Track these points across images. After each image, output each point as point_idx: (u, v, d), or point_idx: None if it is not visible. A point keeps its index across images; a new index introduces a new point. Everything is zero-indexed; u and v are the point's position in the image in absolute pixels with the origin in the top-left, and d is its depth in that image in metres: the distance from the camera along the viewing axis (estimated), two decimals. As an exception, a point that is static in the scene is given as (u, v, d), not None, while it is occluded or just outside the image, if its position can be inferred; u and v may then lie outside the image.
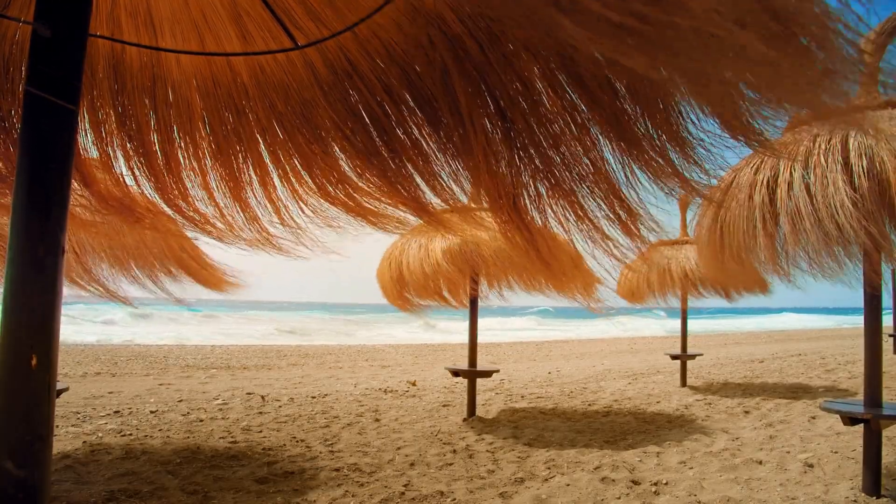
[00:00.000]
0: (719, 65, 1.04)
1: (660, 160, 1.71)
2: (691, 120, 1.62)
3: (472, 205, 4.99)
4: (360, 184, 2.27)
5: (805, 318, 45.32)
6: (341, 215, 2.47)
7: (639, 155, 1.73)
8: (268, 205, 2.49)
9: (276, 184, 2.41)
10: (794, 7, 0.90)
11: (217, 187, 2.44)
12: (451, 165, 2.10)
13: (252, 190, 2.45)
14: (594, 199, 1.99)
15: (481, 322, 6.64)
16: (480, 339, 6.57)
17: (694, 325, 32.96)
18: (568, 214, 2.05)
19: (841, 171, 3.03)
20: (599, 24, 0.90)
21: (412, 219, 2.51)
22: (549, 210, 2.06)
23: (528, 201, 2.06)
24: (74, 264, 4.48)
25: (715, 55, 0.98)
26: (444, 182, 2.16)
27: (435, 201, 2.28)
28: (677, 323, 9.12)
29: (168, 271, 4.95)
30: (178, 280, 5.13)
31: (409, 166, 2.15)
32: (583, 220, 2.04)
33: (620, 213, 1.99)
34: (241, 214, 2.55)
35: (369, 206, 2.37)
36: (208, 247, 4.87)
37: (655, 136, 1.67)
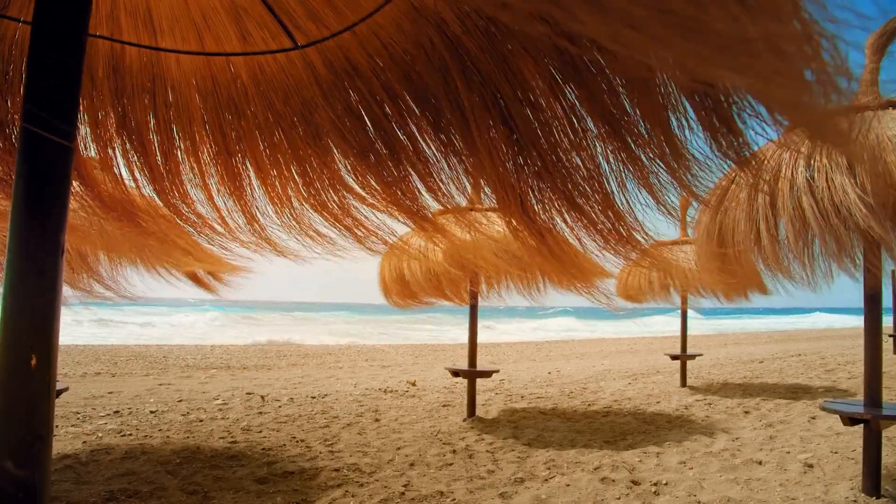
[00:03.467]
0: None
1: (659, 162, 1.71)
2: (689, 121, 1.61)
3: (473, 205, 5.00)
4: (356, 187, 2.27)
5: (836, 319, 43.50)
6: (329, 229, 2.47)
7: (635, 159, 1.73)
8: (268, 205, 2.49)
9: (276, 184, 2.41)
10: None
11: (216, 188, 2.44)
12: (452, 165, 2.10)
13: (252, 190, 2.45)
14: (595, 197, 1.99)
15: (524, 323, 6.62)
16: (521, 338, 6.56)
17: (707, 325, 32.80)
18: (573, 213, 2.05)
19: (842, 171, 3.03)
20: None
21: (404, 229, 2.50)
22: (555, 208, 2.06)
23: (534, 200, 2.06)
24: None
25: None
26: (445, 182, 2.16)
27: (434, 203, 2.28)
28: (712, 322, 9.11)
29: (173, 269, 4.94)
30: (181, 280, 5.13)
31: (409, 166, 2.15)
32: (582, 219, 2.04)
33: (621, 209, 1.99)
34: (241, 216, 2.55)
35: (361, 215, 2.38)
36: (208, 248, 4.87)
37: (654, 139, 1.67)
